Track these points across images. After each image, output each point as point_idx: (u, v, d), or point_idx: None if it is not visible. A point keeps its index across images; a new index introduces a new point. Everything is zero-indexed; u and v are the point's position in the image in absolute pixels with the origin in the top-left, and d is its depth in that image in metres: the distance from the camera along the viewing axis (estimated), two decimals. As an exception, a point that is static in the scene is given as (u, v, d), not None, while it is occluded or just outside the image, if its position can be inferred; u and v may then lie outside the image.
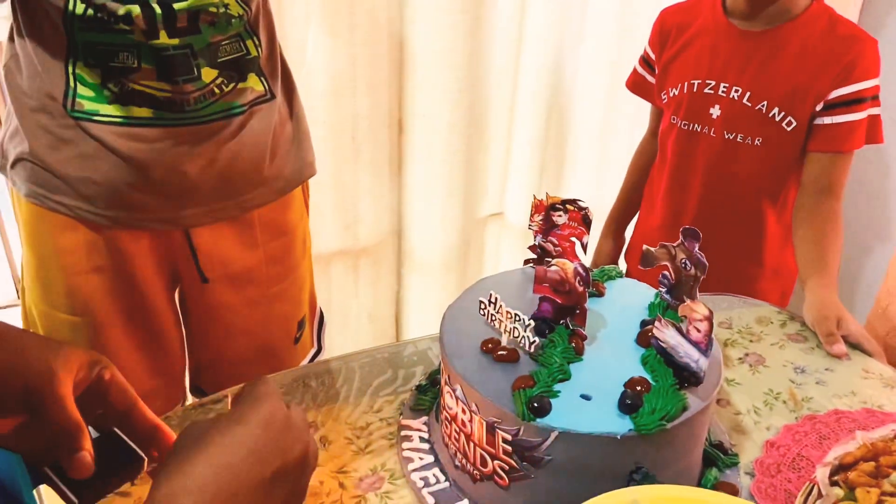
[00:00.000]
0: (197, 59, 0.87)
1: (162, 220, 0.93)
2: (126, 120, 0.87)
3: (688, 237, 0.68)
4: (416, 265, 1.78)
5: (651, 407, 0.61)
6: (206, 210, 0.94)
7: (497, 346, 0.69)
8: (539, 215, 0.78)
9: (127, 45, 0.84)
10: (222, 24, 0.88)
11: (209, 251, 0.98)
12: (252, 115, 0.94)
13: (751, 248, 1.21)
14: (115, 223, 0.92)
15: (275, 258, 1.04)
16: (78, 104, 0.86)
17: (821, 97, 1.07)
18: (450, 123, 1.58)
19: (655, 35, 1.23)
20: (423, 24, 1.48)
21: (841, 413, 0.82)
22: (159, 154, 0.88)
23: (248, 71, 0.93)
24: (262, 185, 0.98)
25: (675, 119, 1.19)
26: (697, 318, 0.62)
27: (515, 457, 0.64)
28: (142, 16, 0.82)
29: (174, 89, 0.86)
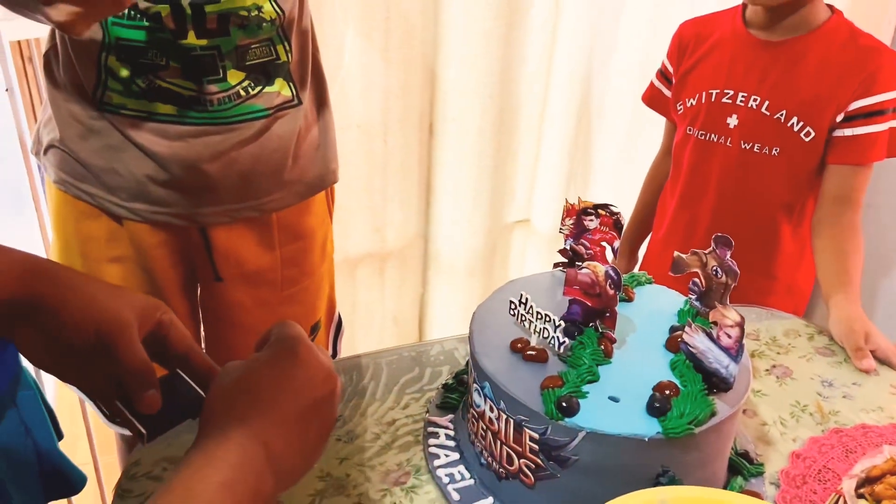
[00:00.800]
0: (224, 60, 0.89)
1: (180, 216, 0.95)
2: (151, 115, 0.89)
3: (720, 244, 0.69)
4: (442, 269, 1.79)
5: (679, 411, 0.61)
6: (225, 209, 0.96)
7: (526, 345, 0.70)
8: (570, 219, 0.79)
9: (156, 43, 0.86)
10: (252, 28, 0.89)
11: (225, 250, 0.99)
12: (276, 119, 0.95)
13: (765, 263, 1.20)
14: (136, 215, 0.94)
15: (291, 261, 1.05)
16: (107, 97, 0.89)
17: (841, 108, 1.07)
18: (480, 128, 1.59)
19: (674, 47, 1.24)
20: (457, 30, 1.50)
21: (868, 427, 0.82)
22: (181, 151, 0.90)
23: (277, 75, 0.94)
24: (282, 188, 0.99)
25: (692, 130, 1.19)
26: (728, 323, 0.63)
27: (542, 456, 0.65)
28: (171, 16, 0.85)
29: (199, 89, 0.88)
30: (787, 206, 1.16)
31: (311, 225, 1.06)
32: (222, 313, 1.04)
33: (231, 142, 0.92)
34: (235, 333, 1.05)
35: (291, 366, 0.50)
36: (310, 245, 1.07)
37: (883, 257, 1.72)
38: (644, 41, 1.61)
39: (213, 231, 0.97)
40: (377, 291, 1.76)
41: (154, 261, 0.98)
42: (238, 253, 1.00)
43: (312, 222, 1.06)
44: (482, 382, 0.68)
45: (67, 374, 0.55)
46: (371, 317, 1.78)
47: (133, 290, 0.56)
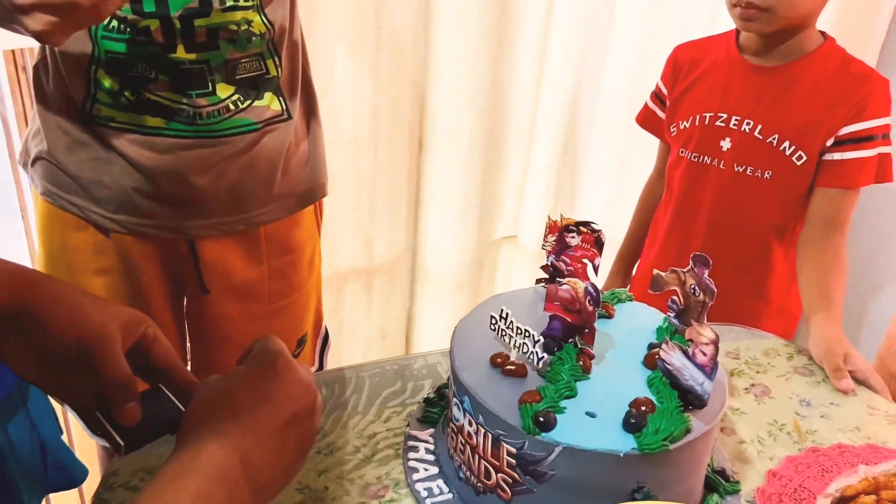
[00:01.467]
0: (213, 74, 0.89)
1: (168, 228, 0.95)
2: (139, 128, 0.89)
3: (698, 263, 0.70)
4: (430, 284, 1.80)
5: (655, 427, 0.62)
6: (213, 223, 0.96)
7: (506, 360, 0.71)
8: (553, 236, 0.80)
9: (145, 57, 0.86)
10: (242, 42, 0.90)
11: (213, 263, 0.99)
12: (266, 133, 0.95)
13: (756, 285, 1.22)
14: (123, 227, 0.94)
15: (279, 274, 1.05)
16: (96, 109, 0.89)
17: (831, 133, 1.09)
18: (469, 144, 1.61)
19: (668, 70, 1.26)
20: (447, 47, 1.51)
21: (845, 447, 0.83)
22: (169, 164, 0.90)
23: (266, 90, 0.94)
24: (271, 202, 0.99)
25: (685, 152, 1.20)
26: (704, 341, 0.63)
27: (519, 470, 0.65)
28: (160, 30, 0.85)
29: (188, 102, 0.88)
30: (779, 228, 1.17)
31: (300, 238, 1.06)
32: (209, 326, 1.04)
33: (220, 155, 0.92)
34: (222, 346, 1.05)
35: (270, 380, 0.51)
36: (298, 259, 1.07)
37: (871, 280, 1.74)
38: (633, 62, 1.63)
39: (200, 244, 0.97)
40: (365, 306, 1.76)
41: (140, 273, 0.98)
42: (226, 266, 1.00)
43: (301, 236, 1.06)
44: (462, 396, 0.69)
45: (50, 384, 0.55)
46: (358, 331, 1.78)
47: (118, 303, 0.56)
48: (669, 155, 1.26)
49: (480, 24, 1.49)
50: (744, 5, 1.06)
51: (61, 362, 0.52)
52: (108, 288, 0.97)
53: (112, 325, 0.53)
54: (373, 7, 1.42)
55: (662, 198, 1.30)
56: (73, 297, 0.54)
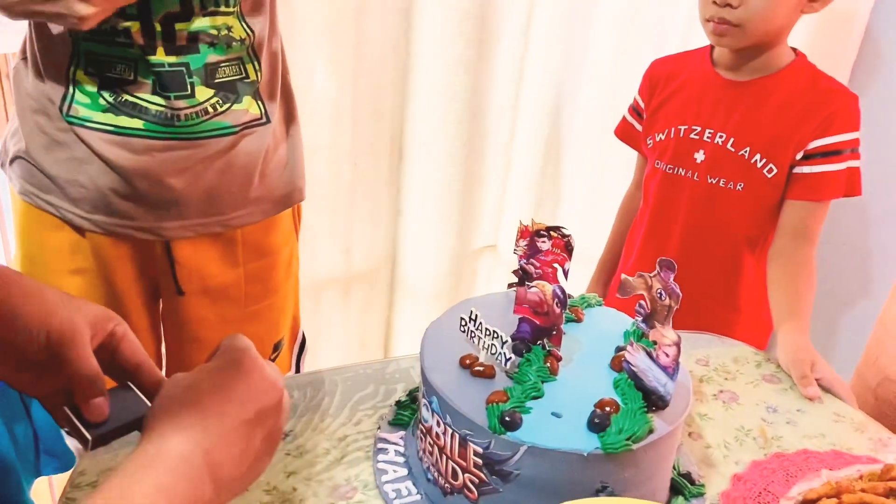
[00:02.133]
0: (192, 77, 0.89)
1: (144, 229, 0.95)
2: (117, 129, 0.89)
3: (664, 268, 0.71)
4: (408, 293, 1.80)
5: (618, 427, 0.63)
6: (189, 224, 0.96)
7: (475, 361, 0.71)
8: (524, 240, 0.81)
9: (125, 59, 0.87)
10: (222, 47, 0.91)
11: (188, 264, 0.99)
12: (244, 137, 0.96)
13: (729, 295, 1.24)
14: (99, 228, 0.94)
15: (255, 277, 1.05)
16: (74, 109, 0.89)
17: (801, 146, 1.11)
18: (449, 154, 1.62)
19: (645, 84, 1.28)
20: (427, 58, 1.53)
21: (809, 453, 0.84)
22: (146, 165, 0.90)
23: (245, 94, 0.95)
24: (248, 205, 0.99)
25: (660, 163, 1.22)
26: (667, 343, 0.64)
27: (485, 470, 0.65)
28: (140, 32, 0.86)
29: (167, 104, 0.89)
30: (751, 239, 1.19)
31: (277, 242, 1.07)
32: (184, 328, 1.04)
33: (197, 157, 0.92)
34: (197, 348, 1.05)
35: (236, 376, 0.51)
36: (275, 262, 1.07)
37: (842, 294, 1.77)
38: (609, 76, 1.65)
39: (176, 245, 0.97)
40: (343, 314, 1.76)
41: (116, 273, 0.97)
42: (201, 268, 1.00)
43: (278, 240, 1.07)
44: (430, 397, 0.70)
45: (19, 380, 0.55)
46: (336, 339, 1.78)
47: (87, 300, 0.56)
48: (646, 168, 1.29)
49: (461, 37, 1.51)
50: (716, 20, 1.08)
51: (30, 358, 0.53)
52: (84, 288, 0.97)
53: (81, 322, 0.53)
54: (353, 17, 1.44)
55: (639, 209, 1.32)
56: (43, 294, 0.54)
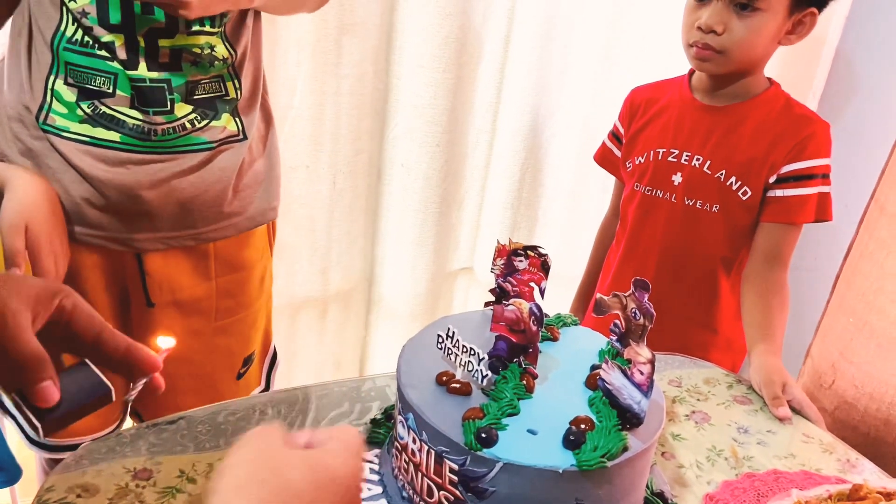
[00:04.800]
0: (173, 93, 0.90)
1: (115, 240, 0.95)
2: (93, 140, 0.89)
3: (638, 288, 0.72)
4: (385, 314, 1.80)
5: (593, 444, 0.63)
6: (161, 237, 0.96)
7: (451, 378, 0.71)
8: (501, 259, 0.82)
9: (105, 72, 0.87)
10: (205, 65, 0.91)
11: (159, 276, 0.98)
12: (220, 153, 0.96)
13: (705, 317, 1.26)
14: (70, 238, 0.93)
15: (227, 292, 1.04)
16: (50, 119, 0.89)
17: (774, 170, 1.14)
18: (427, 176, 1.63)
19: (625, 110, 1.31)
20: (408, 80, 1.55)
21: (780, 473, 0.85)
22: (120, 177, 0.90)
23: (224, 111, 0.96)
24: (221, 220, 1.00)
25: (639, 186, 1.25)
26: (641, 360, 0.65)
27: (461, 487, 0.65)
28: (124, 46, 0.86)
29: (145, 119, 0.89)
30: (727, 260, 1.22)
31: (250, 258, 1.07)
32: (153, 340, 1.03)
33: (171, 171, 0.93)
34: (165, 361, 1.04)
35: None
36: (247, 277, 1.07)
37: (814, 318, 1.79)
38: (586, 102, 1.68)
39: (147, 257, 0.97)
40: (319, 335, 1.75)
41: (86, 283, 0.96)
42: (172, 280, 0.99)
43: (251, 255, 1.07)
44: (406, 414, 0.69)
45: None
46: (312, 359, 1.76)
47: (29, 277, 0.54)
48: (624, 190, 1.31)
49: (440, 59, 1.53)
50: (700, 46, 1.11)
51: None
52: None
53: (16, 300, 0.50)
54: (335, 37, 1.45)
55: (617, 232, 1.34)
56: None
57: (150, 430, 0.82)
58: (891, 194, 1.14)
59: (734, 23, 1.08)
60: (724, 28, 1.09)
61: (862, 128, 1.64)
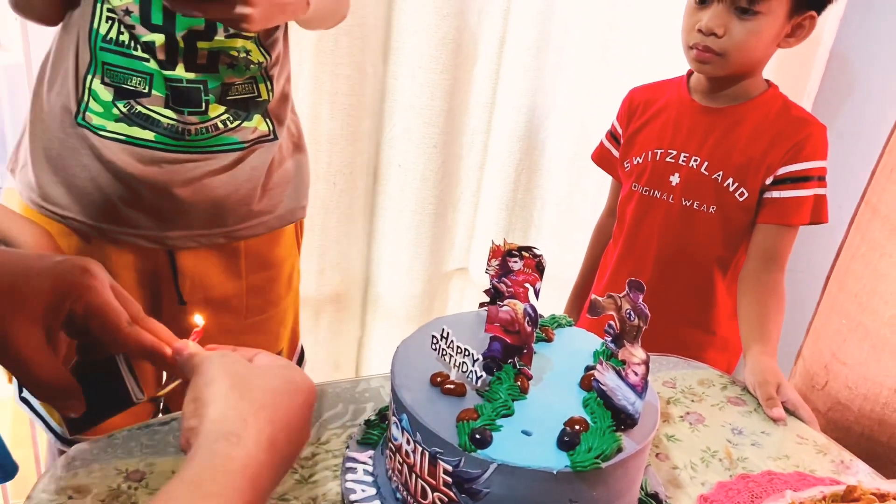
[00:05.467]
0: (208, 95, 0.92)
1: (148, 238, 0.96)
2: (128, 139, 0.91)
3: (633, 288, 0.72)
4: (381, 314, 1.80)
5: (588, 445, 0.63)
6: (193, 234, 0.98)
7: (446, 379, 0.71)
8: (496, 260, 0.82)
9: (141, 72, 0.89)
10: (241, 68, 0.93)
11: (191, 274, 1.00)
12: (252, 152, 0.98)
13: (701, 316, 1.26)
14: (103, 235, 0.95)
15: (257, 290, 1.06)
16: (87, 117, 0.91)
17: (770, 171, 1.14)
18: (424, 177, 1.63)
19: (624, 110, 1.31)
20: (405, 80, 1.55)
21: (774, 474, 0.85)
22: (154, 175, 0.92)
23: (256, 112, 0.97)
24: (252, 218, 1.01)
25: (637, 186, 1.25)
26: (636, 361, 0.65)
27: (455, 489, 0.65)
28: (164, 47, 0.88)
29: (179, 118, 0.91)
30: (723, 262, 1.22)
31: (279, 256, 1.08)
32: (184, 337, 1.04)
33: (204, 169, 0.94)
34: None
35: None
36: (276, 275, 1.09)
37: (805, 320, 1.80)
38: (581, 102, 1.68)
39: (180, 255, 0.98)
40: (314, 335, 1.75)
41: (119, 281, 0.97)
42: (204, 278, 1.01)
43: (280, 253, 1.09)
44: (400, 415, 0.69)
45: None
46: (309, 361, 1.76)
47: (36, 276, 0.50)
48: (621, 191, 1.31)
49: (438, 62, 1.53)
50: (700, 48, 1.11)
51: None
52: None
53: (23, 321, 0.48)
54: (333, 37, 1.45)
55: (613, 232, 1.34)
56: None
57: (142, 431, 0.82)
58: (882, 195, 1.15)
59: (735, 25, 1.09)
60: (725, 31, 1.09)
61: (854, 129, 1.65)
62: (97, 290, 0.52)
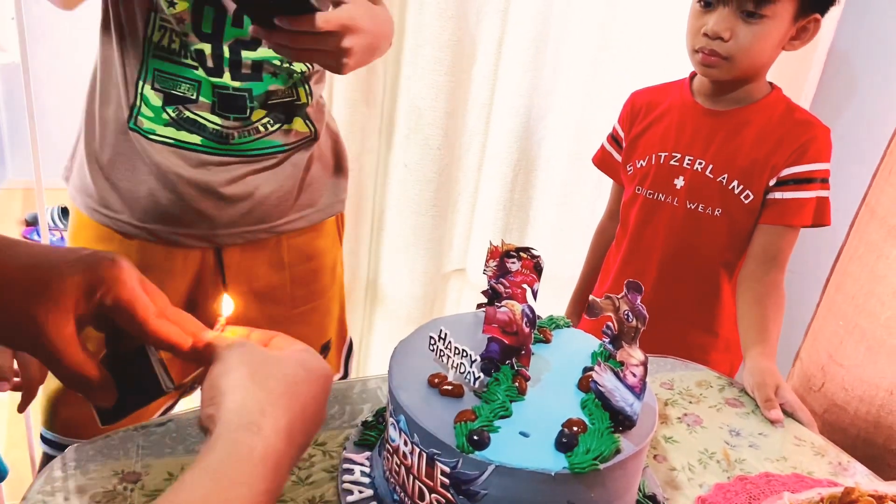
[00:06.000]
0: (253, 102, 0.96)
1: (198, 237, 1.00)
2: (177, 142, 0.95)
3: (631, 290, 0.72)
4: (382, 314, 1.80)
5: (586, 447, 0.63)
6: (239, 232, 1.02)
7: (443, 380, 0.71)
8: (493, 261, 0.81)
9: (190, 79, 0.93)
10: (283, 77, 0.98)
11: (237, 269, 1.04)
12: (294, 153, 1.03)
13: (705, 318, 1.26)
14: (156, 237, 0.99)
15: (301, 280, 1.10)
16: (139, 122, 0.95)
17: (774, 173, 1.14)
18: (427, 178, 1.64)
19: (626, 113, 1.31)
20: (414, 81, 1.56)
21: (771, 476, 0.85)
22: (201, 177, 0.96)
23: (295, 115, 1.02)
24: (293, 212, 1.06)
25: (641, 189, 1.25)
26: (634, 362, 0.65)
27: (452, 490, 0.65)
28: (212, 55, 0.92)
29: (223, 123, 0.95)
30: (728, 264, 1.22)
31: (321, 247, 1.13)
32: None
33: (248, 170, 0.99)
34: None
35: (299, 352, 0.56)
36: (319, 266, 1.13)
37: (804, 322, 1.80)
38: (578, 105, 1.68)
39: (226, 251, 1.03)
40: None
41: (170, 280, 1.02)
42: (249, 271, 1.05)
43: (322, 245, 1.13)
44: (398, 416, 0.69)
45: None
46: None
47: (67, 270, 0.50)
48: (623, 194, 1.31)
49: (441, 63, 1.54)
50: (706, 52, 1.11)
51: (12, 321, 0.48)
52: None
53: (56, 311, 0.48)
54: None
55: (616, 235, 1.34)
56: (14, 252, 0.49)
57: (138, 432, 0.81)
58: (881, 198, 1.15)
59: (741, 29, 1.08)
60: (731, 35, 1.09)
61: (854, 131, 1.65)
62: (125, 282, 0.52)
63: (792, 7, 1.09)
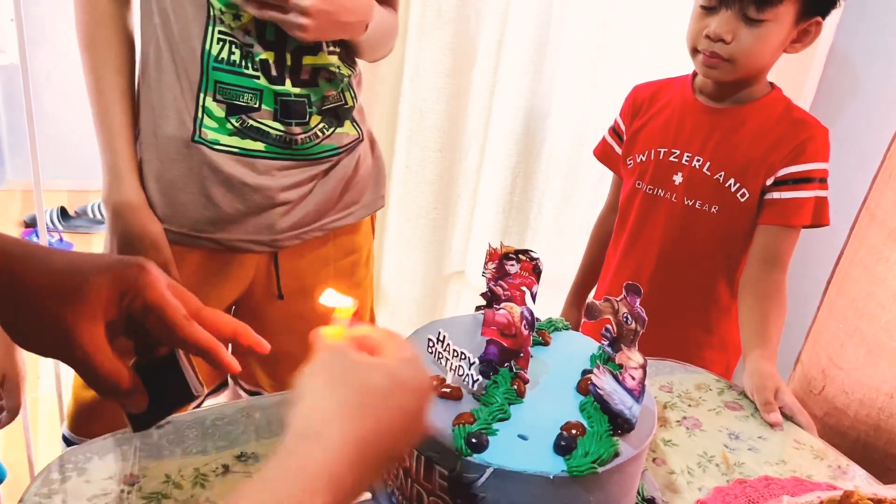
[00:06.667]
0: (311, 107, 0.99)
1: (260, 242, 1.04)
2: (241, 151, 0.98)
3: (630, 292, 0.71)
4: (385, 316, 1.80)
5: (584, 450, 0.63)
6: (297, 234, 1.07)
7: (442, 383, 0.71)
8: (492, 263, 0.81)
9: (252, 89, 0.96)
10: (336, 81, 1.02)
11: (289, 269, 1.09)
12: (346, 155, 1.07)
13: (702, 317, 1.26)
14: (216, 244, 1.02)
15: (343, 273, 1.16)
16: (203, 133, 0.97)
17: (772, 172, 1.15)
18: (429, 181, 1.64)
19: (627, 107, 1.31)
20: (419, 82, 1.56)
21: (771, 479, 0.85)
22: (265, 182, 1.00)
23: (345, 118, 1.06)
24: (342, 210, 1.11)
25: (640, 184, 1.25)
26: (633, 365, 0.65)
27: (451, 493, 0.65)
28: (275, 64, 0.95)
29: (286, 130, 0.99)
30: (724, 262, 1.23)
31: (360, 241, 1.19)
32: (283, 326, 1.08)
33: (308, 174, 1.03)
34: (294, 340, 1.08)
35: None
36: (358, 259, 1.18)
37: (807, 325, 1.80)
38: (577, 107, 1.69)
39: (281, 253, 1.08)
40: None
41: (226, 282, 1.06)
42: (298, 270, 1.10)
43: (360, 238, 1.19)
44: (396, 418, 0.69)
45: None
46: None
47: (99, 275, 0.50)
48: (623, 188, 1.31)
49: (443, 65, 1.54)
50: (708, 54, 1.11)
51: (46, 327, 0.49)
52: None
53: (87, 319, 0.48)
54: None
55: (615, 229, 1.34)
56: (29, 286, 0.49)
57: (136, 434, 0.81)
58: (882, 201, 1.15)
59: (742, 32, 1.09)
60: (733, 37, 1.09)
61: (854, 133, 1.65)
62: (154, 287, 0.52)
63: (793, 10, 1.09)
